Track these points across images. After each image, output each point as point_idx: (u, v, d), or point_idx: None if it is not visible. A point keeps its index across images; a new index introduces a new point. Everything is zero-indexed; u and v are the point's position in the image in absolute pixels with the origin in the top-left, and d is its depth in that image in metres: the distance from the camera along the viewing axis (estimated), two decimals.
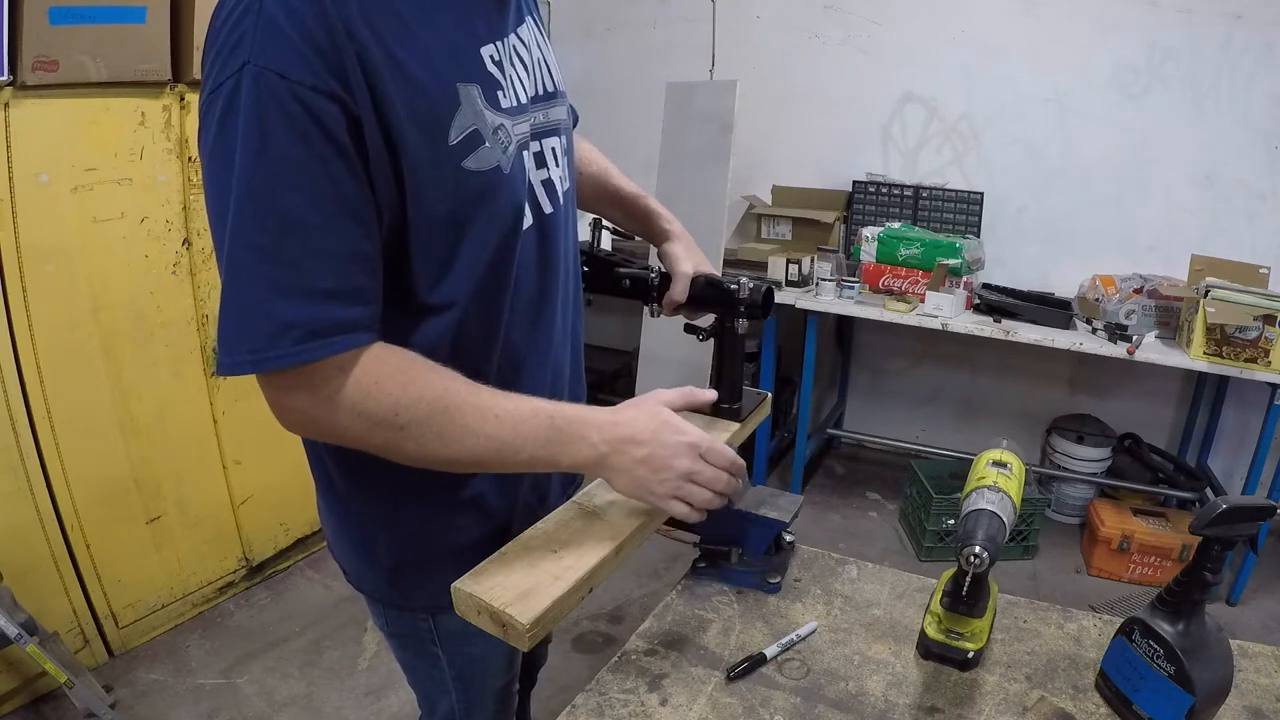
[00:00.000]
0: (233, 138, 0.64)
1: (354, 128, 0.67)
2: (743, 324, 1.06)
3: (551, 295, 0.91)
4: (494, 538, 0.87)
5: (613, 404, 0.85)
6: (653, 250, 1.17)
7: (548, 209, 0.87)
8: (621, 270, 1.11)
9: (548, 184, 0.88)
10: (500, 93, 0.77)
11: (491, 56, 0.77)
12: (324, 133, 0.65)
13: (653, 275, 1.11)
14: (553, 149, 0.89)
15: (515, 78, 0.80)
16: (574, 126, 1.02)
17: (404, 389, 0.72)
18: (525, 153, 0.83)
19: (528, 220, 0.84)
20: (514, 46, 0.81)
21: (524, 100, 0.81)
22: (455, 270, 0.78)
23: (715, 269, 1.13)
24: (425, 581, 0.89)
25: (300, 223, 0.66)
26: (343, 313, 0.69)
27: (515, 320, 0.85)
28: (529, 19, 0.87)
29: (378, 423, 0.72)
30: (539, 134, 0.85)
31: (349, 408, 0.71)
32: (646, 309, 1.12)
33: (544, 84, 0.87)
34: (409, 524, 0.89)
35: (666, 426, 0.81)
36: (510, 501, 0.93)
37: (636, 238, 1.23)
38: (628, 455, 0.80)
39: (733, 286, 1.04)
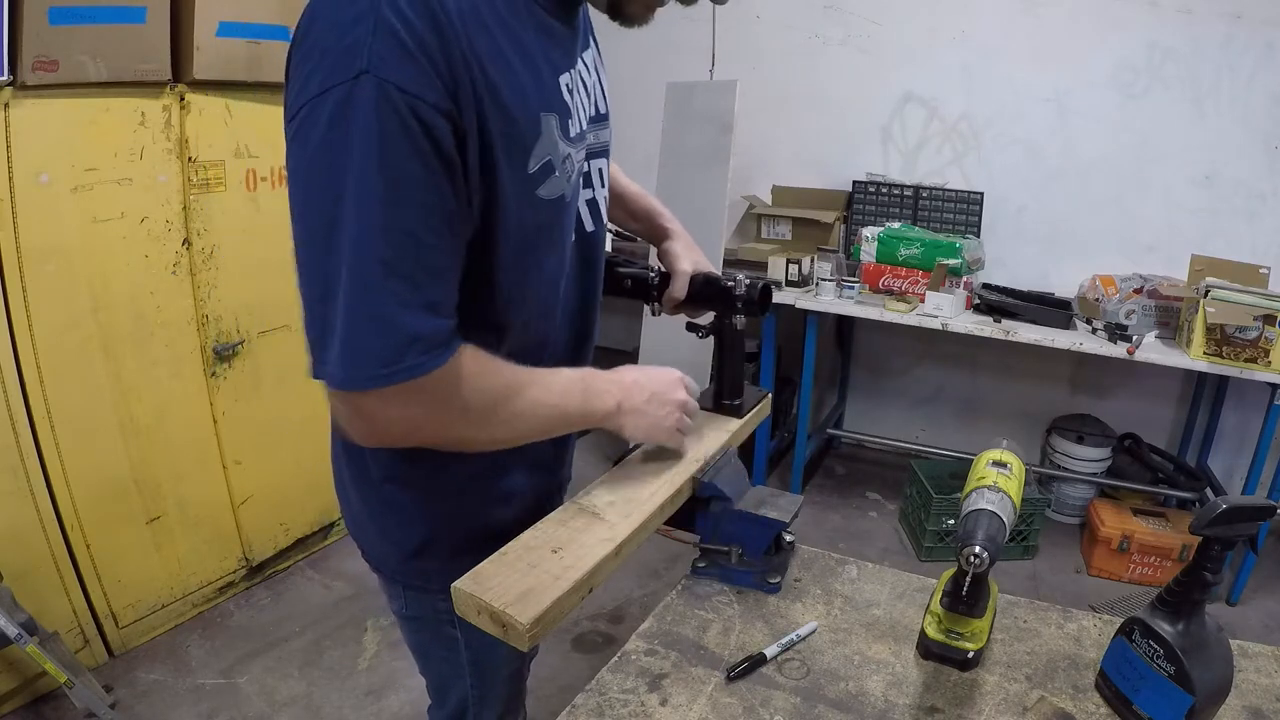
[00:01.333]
0: (346, 146, 0.63)
1: (460, 144, 0.68)
2: (740, 320, 1.08)
3: (589, 307, 0.97)
4: (520, 522, 0.89)
5: None
6: (653, 250, 1.18)
7: (590, 227, 0.92)
8: (622, 270, 1.12)
9: (591, 203, 0.92)
10: (571, 121, 0.80)
11: (567, 85, 0.80)
12: (437, 149, 0.66)
13: (653, 275, 1.12)
14: (599, 170, 0.93)
15: (580, 104, 0.83)
16: None
17: (496, 380, 0.78)
18: (580, 177, 0.86)
19: (570, 237, 0.88)
20: (580, 73, 0.84)
21: (584, 126, 0.84)
22: (518, 291, 0.81)
23: (714, 267, 1.14)
24: (450, 563, 0.90)
25: (415, 237, 0.67)
26: (448, 322, 0.72)
27: (558, 335, 0.91)
28: (592, 43, 0.90)
29: (482, 413, 0.78)
30: (590, 155, 0.89)
31: (460, 408, 0.75)
32: (648, 308, 1.13)
33: (598, 106, 0.90)
34: (444, 507, 0.92)
35: (651, 370, 0.96)
36: (535, 485, 0.97)
37: (639, 239, 1.25)
38: (637, 398, 0.92)
39: (729, 284, 1.06)
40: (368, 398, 0.70)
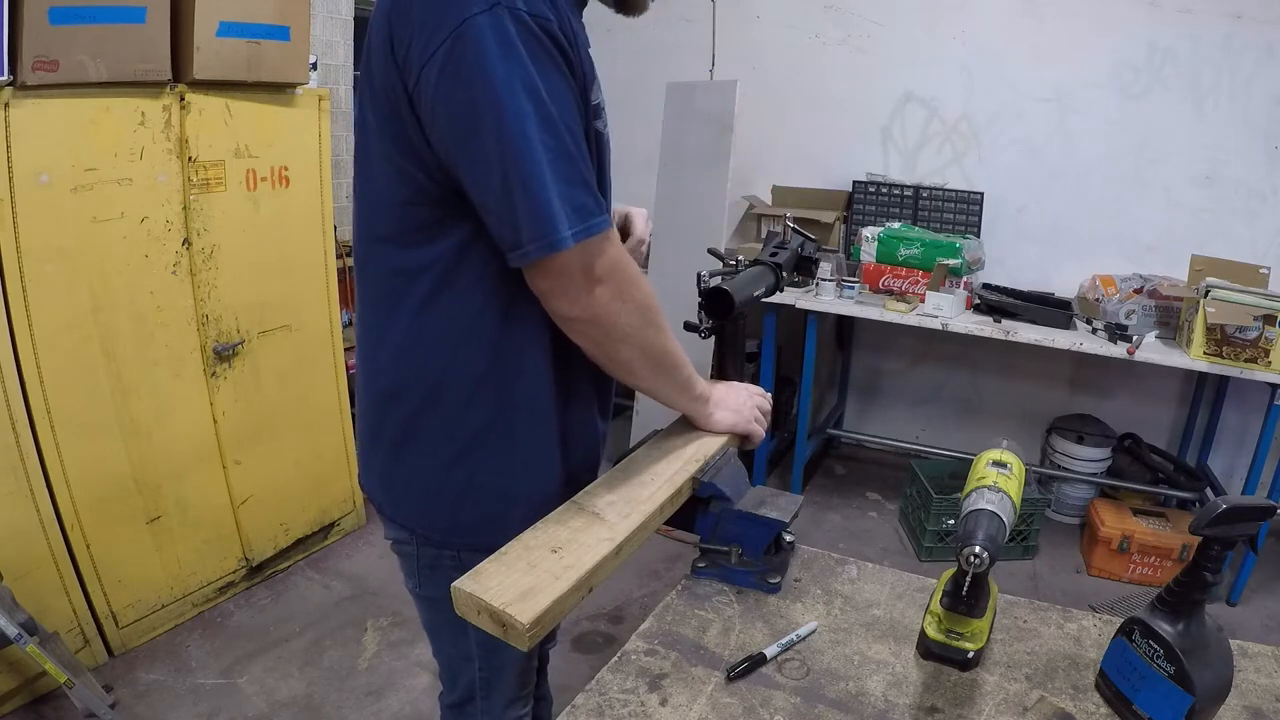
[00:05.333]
0: (492, 62, 0.75)
1: (575, 54, 0.82)
2: (703, 317, 1.12)
3: None
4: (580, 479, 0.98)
5: None
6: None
7: None
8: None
9: None
10: (598, 86, 0.91)
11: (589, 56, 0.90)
12: (565, 56, 0.81)
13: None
14: None
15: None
16: None
17: (637, 271, 0.89)
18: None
19: (610, 185, 0.97)
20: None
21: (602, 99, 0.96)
22: None
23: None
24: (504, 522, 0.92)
25: (570, 127, 0.81)
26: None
27: None
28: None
29: (643, 302, 0.88)
30: None
31: (626, 279, 0.86)
32: None
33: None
34: (531, 457, 0.97)
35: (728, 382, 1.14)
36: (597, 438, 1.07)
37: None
38: (725, 393, 1.09)
39: (701, 284, 1.08)
40: (580, 253, 0.81)
